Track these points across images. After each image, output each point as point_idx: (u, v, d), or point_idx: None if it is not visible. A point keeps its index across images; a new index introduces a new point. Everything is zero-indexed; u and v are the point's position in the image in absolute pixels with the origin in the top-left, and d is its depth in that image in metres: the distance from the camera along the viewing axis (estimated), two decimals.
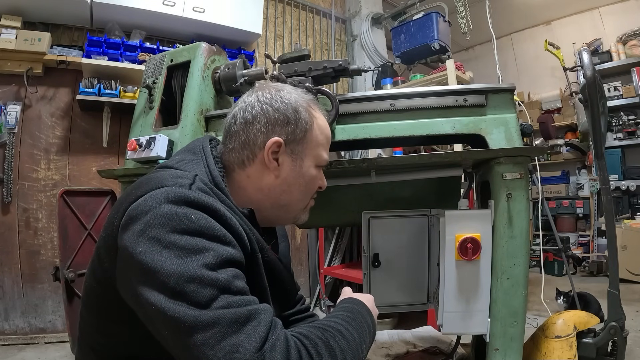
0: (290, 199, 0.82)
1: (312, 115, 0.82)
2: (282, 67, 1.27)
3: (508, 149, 1.12)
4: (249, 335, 0.53)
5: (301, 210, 0.87)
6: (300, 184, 0.82)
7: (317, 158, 0.83)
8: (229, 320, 0.53)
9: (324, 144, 0.85)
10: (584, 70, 1.47)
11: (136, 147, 1.26)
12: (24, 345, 2.28)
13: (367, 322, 0.73)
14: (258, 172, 0.79)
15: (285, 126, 0.78)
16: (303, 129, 0.79)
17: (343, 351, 0.60)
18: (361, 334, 0.68)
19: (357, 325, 0.69)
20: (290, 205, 0.84)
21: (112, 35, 2.54)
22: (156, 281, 0.55)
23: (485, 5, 2.85)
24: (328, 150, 0.87)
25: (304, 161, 0.81)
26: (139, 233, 0.59)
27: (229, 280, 0.58)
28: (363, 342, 0.68)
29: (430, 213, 1.38)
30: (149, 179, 0.69)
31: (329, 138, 0.86)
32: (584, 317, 1.38)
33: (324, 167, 0.87)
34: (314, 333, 0.61)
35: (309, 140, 0.81)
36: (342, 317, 0.69)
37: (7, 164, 2.34)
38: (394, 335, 1.77)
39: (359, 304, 0.77)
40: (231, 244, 0.63)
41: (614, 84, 4.14)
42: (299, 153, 0.80)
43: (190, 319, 0.53)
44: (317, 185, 0.86)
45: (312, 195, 0.87)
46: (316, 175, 0.84)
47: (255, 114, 0.78)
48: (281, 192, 0.81)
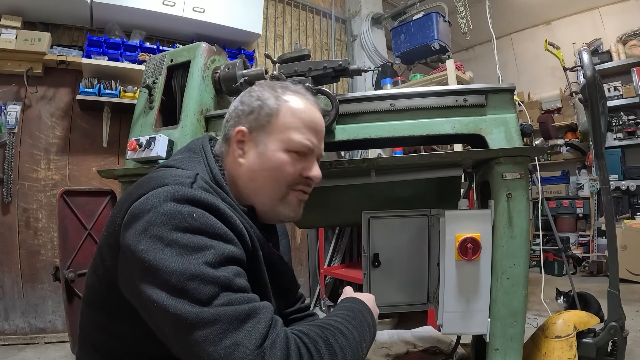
0: (257, 186, 0.79)
1: (283, 100, 0.80)
2: (282, 67, 1.27)
3: (508, 149, 1.12)
4: (250, 333, 0.54)
5: (277, 201, 0.80)
6: (266, 169, 0.78)
7: (286, 142, 0.79)
8: (229, 317, 0.54)
9: (297, 127, 0.80)
10: (584, 70, 1.47)
11: (136, 147, 1.26)
12: (24, 345, 2.27)
13: (367, 321, 0.73)
14: (231, 164, 0.81)
15: (249, 115, 0.81)
16: (267, 115, 0.79)
17: (343, 349, 0.61)
18: (361, 333, 0.68)
19: (357, 324, 0.69)
20: (260, 194, 0.79)
21: (112, 35, 2.54)
22: (158, 279, 0.56)
23: (485, 5, 2.85)
24: (312, 135, 0.81)
25: (267, 146, 0.78)
26: (141, 231, 0.59)
27: (230, 277, 0.58)
28: (363, 341, 0.68)
29: (430, 213, 1.38)
30: (150, 178, 0.69)
31: (307, 121, 0.81)
32: (584, 317, 1.38)
33: (304, 153, 0.80)
34: (314, 331, 0.61)
35: (274, 124, 0.79)
36: (343, 315, 0.70)
37: (7, 164, 2.34)
38: (394, 335, 1.77)
39: (360, 303, 0.77)
40: (232, 242, 0.63)
41: (614, 84, 4.13)
42: (263, 139, 0.79)
43: (191, 316, 0.53)
44: (290, 173, 0.79)
45: (292, 186, 0.81)
46: (285, 161, 0.78)
47: (230, 112, 0.84)
48: (249, 180, 0.79)
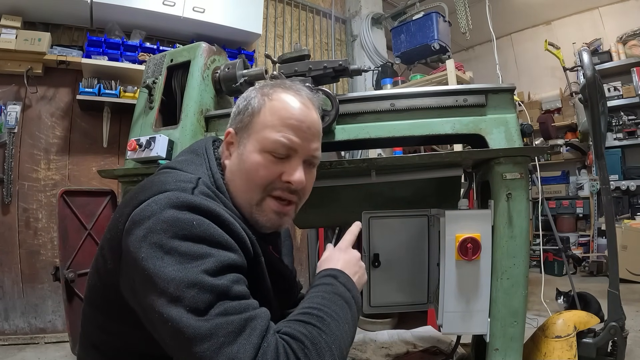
0: (234, 188, 0.75)
1: (268, 98, 0.76)
2: (282, 67, 1.27)
3: (508, 149, 1.12)
4: (244, 346, 0.55)
5: (253, 206, 0.74)
6: (240, 170, 0.74)
7: (261, 141, 0.73)
8: (225, 331, 0.55)
9: (276, 126, 0.73)
10: (584, 70, 1.47)
11: (136, 147, 1.26)
12: (24, 345, 2.27)
13: (346, 296, 0.70)
14: (224, 167, 0.80)
15: (237, 116, 0.79)
16: (249, 114, 0.77)
17: (328, 343, 0.60)
18: (342, 317, 0.66)
19: (337, 308, 0.66)
20: (238, 197, 0.75)
21: (112, 35, 2.54)
22: (157, 287, 0.56)
23: (485, 5, 2.85)
24: (291, 132, 0.74)
25: (246, 147, 0.75)
26: (141, 238, 0.59)
27: (228, 285, 0.58)
28: (345, 323, 0.66)
29: (430, 213, 1.38)
30: (152, 182, 0.69)
31: (285, 118, 0.74)
32: (584, 317, 1.38)
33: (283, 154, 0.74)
34: (299, 330, 0.60)
35: (254, 123, 0.75)
36: (321, 302, 0.66)
37: (7, 164, 2.34)
38: (394, 335, 1.77)
39: (335, 275, 0.73)
40: (232, 249, 0.63)
41: (614, 84, 4.14)
42: (243, 139, 0.76)
43: (189, 330, 0.54)
44: (264, 175, 0.73)
45: (270, 192, 0.74)
46: (260, 162, 0.73)
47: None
48: (229, 182, 0.76)
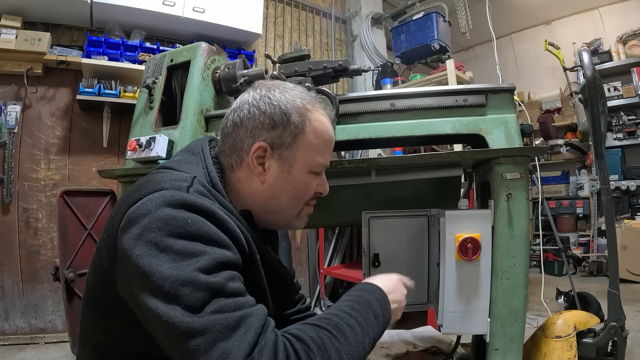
0: (279, 205, 0.78)
1: (307, 118, 0.76)
2: (282, 67, 1.27)
3: (508, 149, 1.12)
4: (239, 342, 0.54)
5: (293, 216, 0.81)
6: (289, 190, 0.77)
7: (309, 164, 0.77)
8: (220, 326, 0.54)
9: (321, 149, 0.78)
10: (584, 70, 1.47)
11: (136, 147, 1.26)
12: (24, 345, 2.27)
13: (376, 311, 0.70)
14: (246, 177, 0.77)
15: (271, 130, 0.74)
16: (292, 133, 0.74)
17: (339, 351, 0.59)
18: (365, 328, 0.66)
19: (362, 318, 0.66)
20: (279, 212, 0.80)
21: (112, 35, 2.54)
22: (152, 285, 0.56)
23: (485, 5, 2.86)
24: (328, 153, 0.81)
25: (293, 167, 0.76)
26: (136, 236, 0.59)
27: (223, 283, 0.58)
28: (367, 336, 0.65)
29: (430, 213, 1.38)
30: (148, 181, 0.69)
31: (327, 141, 0.79)
32: (584, 317, 1.38)
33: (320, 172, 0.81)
34: (308, 333, 0.60)
35: (299, 144, 0.75)
36: (346, 309, 0.67)
37: (7, 164, 2.34)
38: (394, 335, 1.77)
39: (372, 291, 0.74)
40: (227, 247, 0.63)
41: (614, 84, 4.14)
42: (287, 159, 0.75)
43: (183, 325, 0.54)
44: (310, 192, 0.80)
45: (307, 202, 0.82)
46: (309, 181, 0.79)
47: (242, 116, 0.76)
48: (268, 199, 0.77)
